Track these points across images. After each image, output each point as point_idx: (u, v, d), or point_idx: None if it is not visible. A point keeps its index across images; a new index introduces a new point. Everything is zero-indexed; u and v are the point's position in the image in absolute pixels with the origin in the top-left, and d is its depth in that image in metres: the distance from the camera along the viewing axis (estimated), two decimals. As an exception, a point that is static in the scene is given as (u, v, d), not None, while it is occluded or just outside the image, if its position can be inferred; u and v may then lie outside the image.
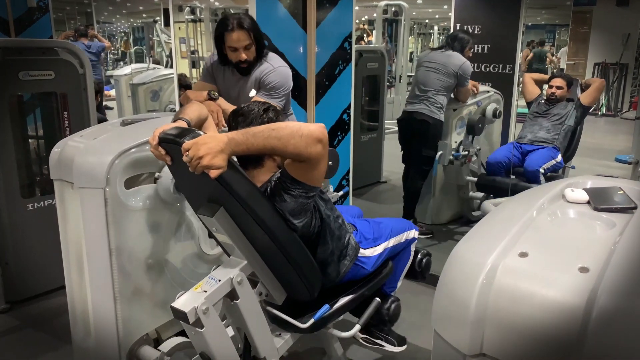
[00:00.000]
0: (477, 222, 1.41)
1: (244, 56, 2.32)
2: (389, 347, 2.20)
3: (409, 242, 2.19)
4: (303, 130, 1.43)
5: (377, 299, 2.01)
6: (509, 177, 3.66)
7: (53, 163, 2.01)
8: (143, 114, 2.61)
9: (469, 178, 3.87)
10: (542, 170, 3.54)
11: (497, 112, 3.97)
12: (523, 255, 1.15)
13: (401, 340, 2.24)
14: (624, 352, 0.99)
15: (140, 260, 2.00)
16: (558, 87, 3.88)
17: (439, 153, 3.66)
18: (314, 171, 1.54)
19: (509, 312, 1.06)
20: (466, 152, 3.73)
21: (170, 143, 1.52)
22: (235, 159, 1.65)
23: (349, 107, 3.46)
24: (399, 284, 2.26)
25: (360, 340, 2.21)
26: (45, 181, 2.82)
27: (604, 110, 9.76)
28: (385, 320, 2.15)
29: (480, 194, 3.87)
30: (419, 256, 2.25)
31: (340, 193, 2.68)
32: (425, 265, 2.27)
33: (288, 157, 1.51)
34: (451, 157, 3.70)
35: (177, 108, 2.43)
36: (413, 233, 2.20)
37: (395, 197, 4.35)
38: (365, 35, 8.99)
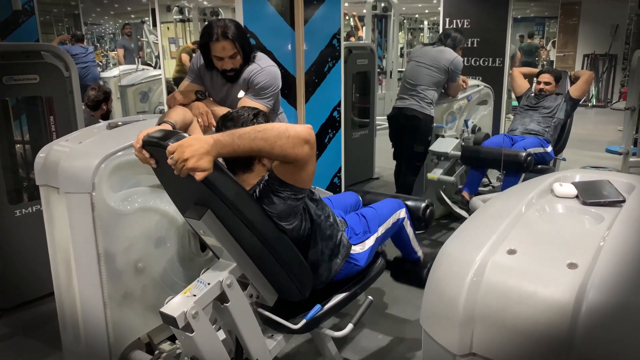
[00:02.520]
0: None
1: (229, 65, 2.30)
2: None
3: (400, 222, 2.20)
4: (290, 132, 1.41)
5: (370, 297, 2.00)
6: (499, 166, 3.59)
7: (38, 168, 1.99)
8: (129, 117, 2.58)
9: (453, 152, 3.66)
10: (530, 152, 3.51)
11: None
12: (512, 252, 1.14)
13: None
14: (613, 348, 0.98)
15: (129, 264, 1.98)
16: (546, 83, 3.89)
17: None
18: (302, 172, 1.52)
19: (498, 310, 1.06)
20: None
21: (154, 146, 1.50)
22: (222, 161, 1.63)
23: (339, 105, 3.45)
24: (418, 247, 2.31)
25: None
26: (32, 187, 2.79)
27: (594, 101, 9.81)
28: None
29: (451, 178, 3.74)
30: (422, 206, 2.28)
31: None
32: (429, 215, 2.31)
33: (275, 158, 1.49)
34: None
35: (166, 109, 2.41)
36: (402, 212, 2.21)
37: (387, 193, 4.34)
38: (355, 30, 8.97)
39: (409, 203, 2.29)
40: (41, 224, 2.05)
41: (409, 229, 2.25)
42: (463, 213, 3.59)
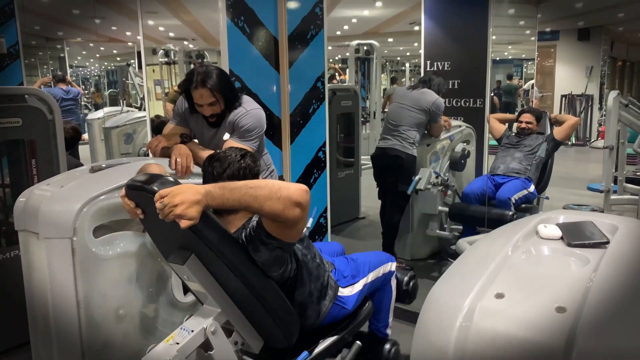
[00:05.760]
0: (453, 255, 1.40)
1: (208, 112, 2.34)
2: None
3: (388, 275, 2.16)
4: (282, 192, 1.38)
5: (358, 342, 1.96)
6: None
7: (18, 213, 1.95)
8: (113, 160, 2.57)
9: (441, 208, 3.79)
10: (512, 200, 3.57)
11: (466, 152, 4.00)
12: (499, 296, 1.13)
13: None
14: (606, 394, 0.97)
15: (110, 311, 1.92)
16: (528, 122, 3.97)
17: (417, 177, 3.62)
18: (291, 230, 1.49)
19: (488, 356, 1.04)
20: (446, 177, 3.72)
21: (139, 190, 1.48)
22: None
23: (324, 145, 3.48)
24: (391, 320, 2.22)
25: None
26: (11, 231, 2.72)
27: (573, 140, 10.03)
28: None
29: (448, 233, 3.84)
30: (405, 279, 2.22)
31: (309, 224, 2.58)
32: (413, 288, 2.24)
33: (264, 217, 1.47)
34: (429, 186, 3.67)
35: (150, 154, 2.40)
36: (391, 265, 2.18)
37: (374, 232, 4.33)
38: (337, 74, 9.16)
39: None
40: (19, 270, 1.99)
41: (394, 288, 2.20)
42: None
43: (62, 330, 1.83)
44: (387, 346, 2.10)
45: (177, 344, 1.53)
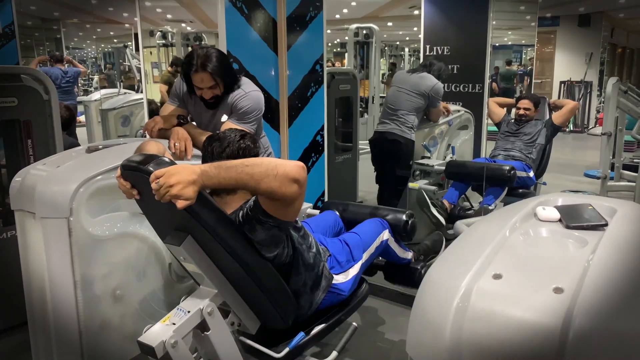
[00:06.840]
0: (451, 239, 1.40)
1: (208, 95, 2.32)
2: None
3: (384, 243, 2.19)
4: (279, 169, 1.37)
5: (354, 324, 1.97)
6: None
7: (14, 193, 1.94)
8: (109, 140, 2.55)
9: (438, 167, 3.69)
10: None
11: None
12: (497, 276, 1.13)
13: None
14: (601, 374, 0.97)
15: (107, 292, 1.93)
16: (526, 109, 3.96)
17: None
18: (287, 208, 1.49)
19: (485, 337, 1.04)
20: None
21: (134, 171, 1.47)
22: None
23: (322, 129, 3.46)
24: (403, 249, 2.33)
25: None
26: (7, 211, 2.71)
27: (571, 126, 10.02)
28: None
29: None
30: (404, 219, 2.29)
31: (316, 213, 2.63)
32: (411, 227, 2.31)
33: (261, 195, 1.46)
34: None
35: (147, 135, 2.38)
36: (386, 234, 2.20)
37: (371, 217, 4.33)
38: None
39: (389, 217, 2.29)
40: (15, 250, 1.99)
41: (394, 246, 2.25)
42: (441, 219, 3.61)
43: (59, 310, 1.84)
44: (419, 267, 2.32)
45: (174, 324, 1.53)
